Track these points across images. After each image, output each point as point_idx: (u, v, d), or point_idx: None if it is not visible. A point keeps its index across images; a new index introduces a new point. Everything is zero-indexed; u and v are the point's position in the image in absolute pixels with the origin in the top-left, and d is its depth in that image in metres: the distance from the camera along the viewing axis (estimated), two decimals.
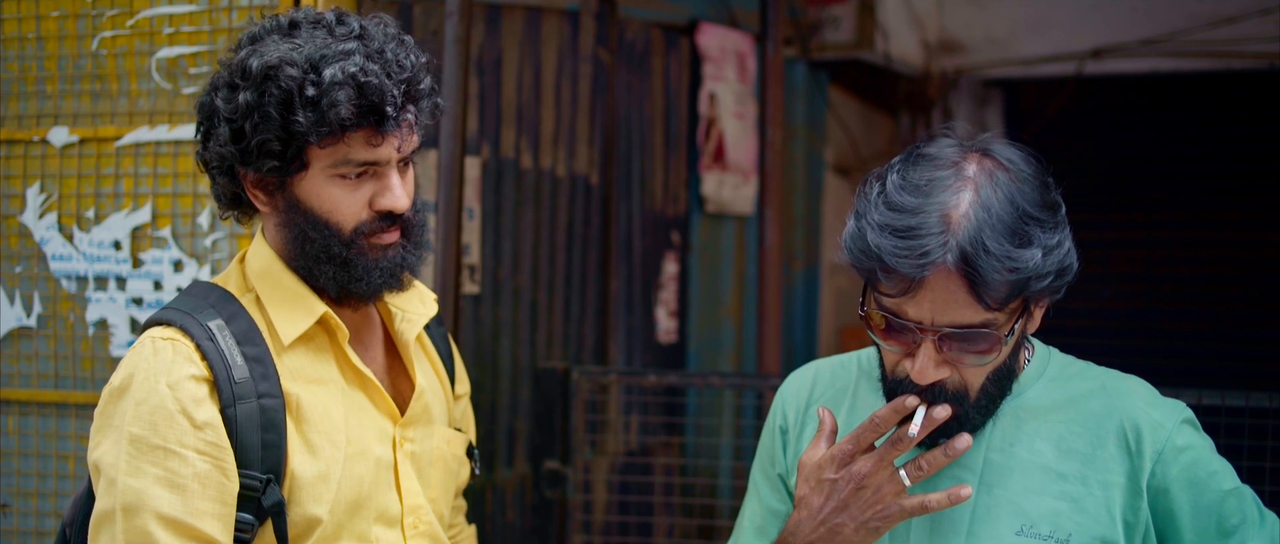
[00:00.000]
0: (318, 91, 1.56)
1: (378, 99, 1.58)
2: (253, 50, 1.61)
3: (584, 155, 4.12)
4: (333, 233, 1.63)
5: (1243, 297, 5.82)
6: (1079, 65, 5.75)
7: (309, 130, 1.56)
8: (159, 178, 2.53)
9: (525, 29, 3.93)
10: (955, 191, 1.42)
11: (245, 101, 1.58)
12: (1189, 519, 1.50)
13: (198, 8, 2.50)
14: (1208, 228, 5.93)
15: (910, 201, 1.42)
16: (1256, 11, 5.19)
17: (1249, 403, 2.70)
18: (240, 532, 1.56)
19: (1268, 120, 5.67)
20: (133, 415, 1.54)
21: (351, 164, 1.61)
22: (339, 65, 1.57)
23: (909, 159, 1.49)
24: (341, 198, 1.63)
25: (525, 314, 3.95)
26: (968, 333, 1.43)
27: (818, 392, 1.73)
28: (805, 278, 5.42)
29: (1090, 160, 6.03)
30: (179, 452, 1.53)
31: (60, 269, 2.57)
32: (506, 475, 3.85)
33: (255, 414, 1.57)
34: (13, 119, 2.62)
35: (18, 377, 2.60)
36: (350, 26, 1.64)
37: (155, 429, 1.53)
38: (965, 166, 1.45)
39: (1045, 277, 1.42)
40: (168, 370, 1.55)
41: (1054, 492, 1.52)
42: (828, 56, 5.48)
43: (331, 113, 1.55)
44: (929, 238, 1.39)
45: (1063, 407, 1.57)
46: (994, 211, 1.40)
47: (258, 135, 1.58)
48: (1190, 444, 1.53)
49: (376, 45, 1.62)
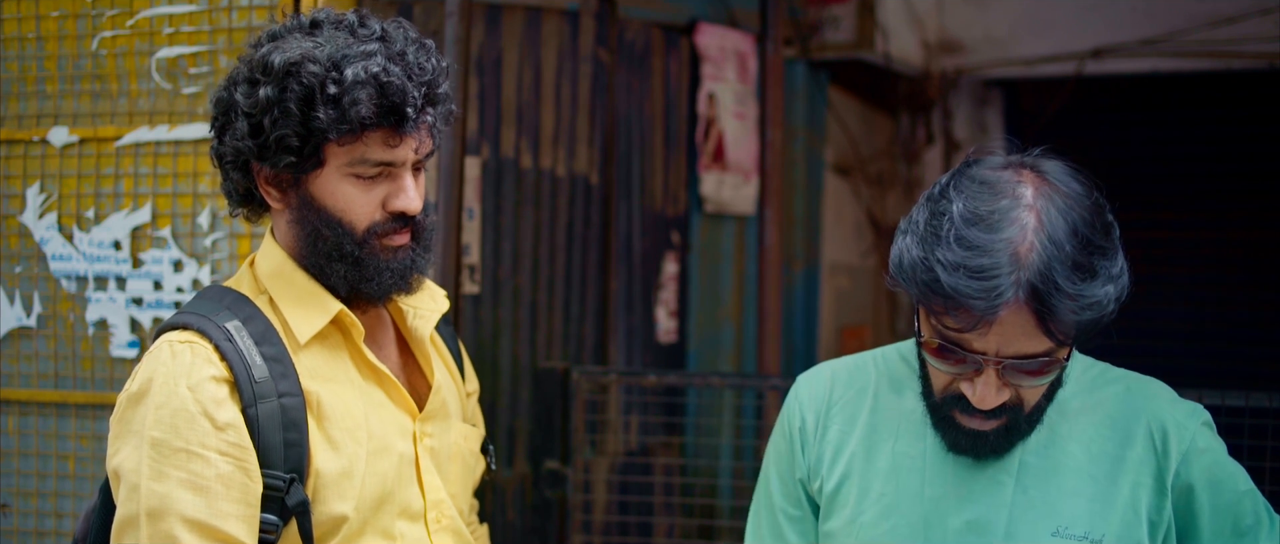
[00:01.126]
0: (339, 89, 1.56)
1: (399, 100, 1.58)
2: (275, 46, 1.61)
3: (584, 155, 4.12)
4: (346, 231, 1.63)
5: (1243, 297, 5.82)
6: (1079, 65, 5.75)
7: (329, 127, 1.57)
8: (159, 178, 2.53)
9: (525, 29, 3.93)
10: (1020, 225, 1.42)
11: (265, 96, 1.58)
12: (1208, 518, 1.54)
13: (198, 8, 2.50)
14: (1208, 228, 5.93)
15: (981, 238, 1.41)
16: (1256, 11, 5.19)
17: (1249, 403, 2.71)
18: (264, 533, 1.55)
19: (1268, 120, 5.67)
20: (153, 419, 1.53)
21: (368, 164, 1.61)
22: (361, 64, 1.57)
23: (962, 183, 1.48)
24: (356, 197, 1.63)
25: (525, 314, 3.95)
26: (1032, 362, 1.44)
27: (836, 393, 1.73)
28: (805, 278, 5.42)
29: (1090, 161, 5.96)
30: (201, 454, 1.52)
31: (60, 269, 2.57)
32: (506, 475, 3.85)
33: (277, 413, 1.56)
34: (13, 119, 2.62)
35: (17, 377, 2.60)
36: (372, 28, 1.64)
37: (177, 432, 1.52)
38: (1022, 192, 1.45)
39: (1110, 305, 1.44)
40: (187, 372, 1.55)
41: (1087, 493, 1.55)
42: (828, 56, 5.48)
43: (352, 111, 1.56)
44: (1001, 277, 1.38)
45: (1091, 409, 1.60)
46: (1060, 244, 1.41)
47: (277, 130, 1.58)
48: (1210, 445, 1.57)
49: (398, 47, 1.62)
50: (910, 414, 1.65)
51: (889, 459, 1.64)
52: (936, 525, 1.58)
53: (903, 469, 1.63)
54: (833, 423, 1.71)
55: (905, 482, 1.62)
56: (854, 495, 1.65)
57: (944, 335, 1.45)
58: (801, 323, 5.40)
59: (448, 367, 1.86)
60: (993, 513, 1.56)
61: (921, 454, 1.62)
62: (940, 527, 1.58)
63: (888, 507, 1.62)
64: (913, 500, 1.60)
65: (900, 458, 1.63)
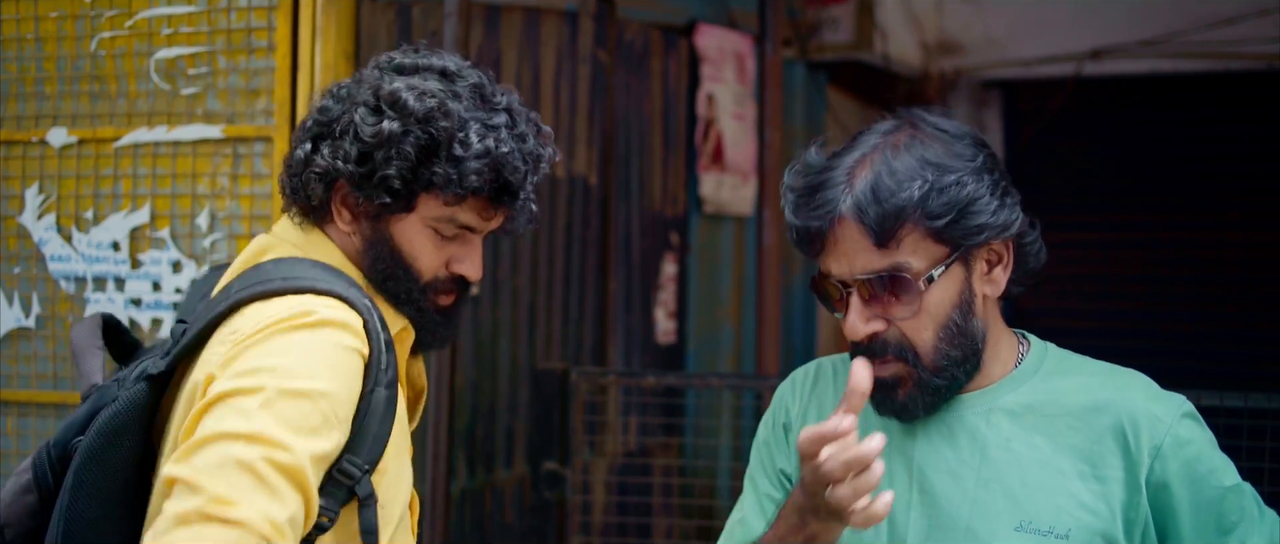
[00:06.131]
0: (464, 152, 1.56)
1: (511, 179, 1.59)
2: (408, 84, 1.59)
3: (583, 156, 4.12)
4: (413, 277, 1.63)
5: (1243, 297, 5.82)
6: (1077, 66, 5.76)
7: (442, 184, 1.56)
8: (158, 178, 2.53)
9: (524, 30, 3.93)
10: (863, 149, 1.51)
11: (388, 131, 1.56)
12: (1188, 516, 1.49)
13: (196, 9, 2.50)
14: (1207, 228, 5.94)
15: (823, 163, 1.52)
16: (1254, 12, 5.19)
17: (1248, 403, 2.70)
18: (323, 511, 1.45)
19: (1267, 120, 5.67)
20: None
21: (454, 224, 1.62)
22: (492, 136, 1.58)
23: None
24: (429, 249, 1.62)
25: (524, 315, 3.95)
26: (880, 278, 1.47)
27: (821, 387, 1.73)
28: (804, 279, 5.42)
29: (1089, 161, 6.03)
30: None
31: (59, 270, 2.57)
32: (505, 476, 3.85)
33: (382, 402, 1.51)
34: (11, 120, 2.62)
35: (16, 377, 2.60)
36: (499, 100, 1.64)
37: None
38: (882, 127, 1.53)
39: (935, 215, 1.46)
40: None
41: (1053, 487, 1.52)
42: (826, 57, 5.48)
43: (469, 177, 1.56)
44: (830, 191, 1.48)
45: (1061, 401, 1.56)
46: (893, 162, 1.47)
47: (386, 168, 1.56)
48: (1191, 439, 1.51)
49: (520, 129, 1.63)
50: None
51: None
52: (898, 520, 1.56)
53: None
54: (809, 420, 1.70)
55: None
56: None
57: (820, 271, 1.53)
58: (800, 324, 5.41)
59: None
60: (954, 507, 1.54)
61: (887, 449, 1.60)
62: (901, 523, 1.56)
63: None
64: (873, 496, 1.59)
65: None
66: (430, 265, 1.63)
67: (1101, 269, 5.94)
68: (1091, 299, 5.91)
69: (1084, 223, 5.80)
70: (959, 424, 1.57)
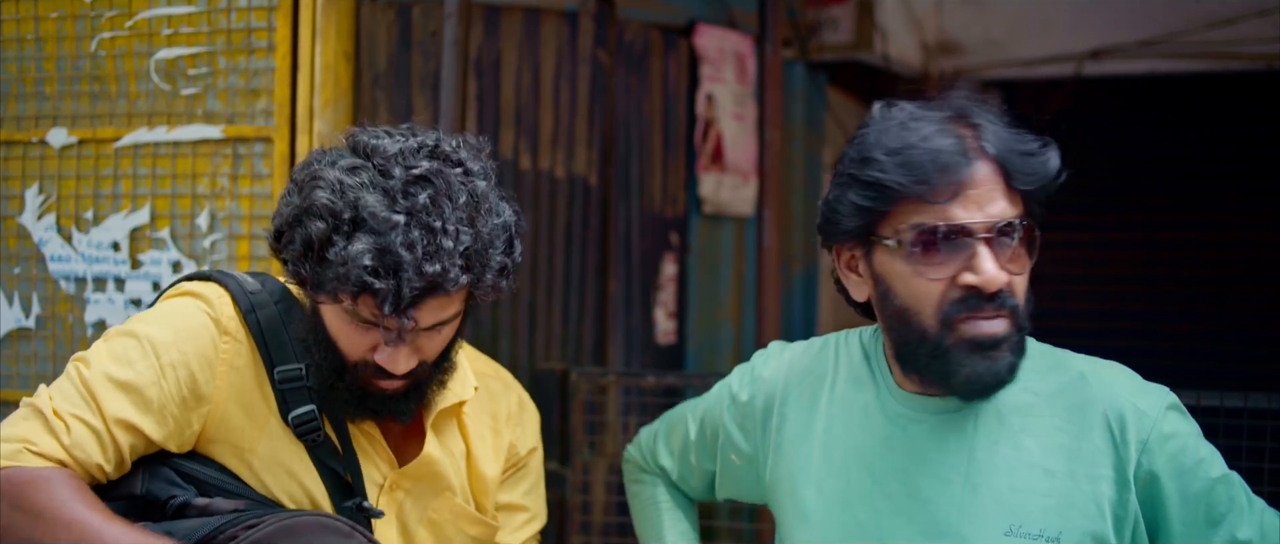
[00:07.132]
0: (336, 256, 1.50)
1: (389, 290, 1.50)
2: (323, 164, 1.57)
3: (583, 157, 4.12)
4: (337, 355, 1.62)
5: (1242, 297, 5.82)
6: (1077, 66, 5.76)
7: (313, 283, 1.55)
8: (158, 179, 2.53)
9: (524, 30, 3.93)
10: (958, 109, 1.49)
11: (289, 216, 1.57)
12: (1177, 508, 1.48)
13: (196, 9, 2.50)
14: (1207, 228, 5.94)
15: (922, 126, 1.47)
16: (1254, 13, 5.19)
17: (1248, 403, 2.70)
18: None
19: (1267, 121, 5.67)
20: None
21: (357, 317, 1.58)
22: (369, 240, 1.48)
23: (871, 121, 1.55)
24: (348, 334, 1.60)
25: (523, 315, 3.95)
26: (1013, 228, 1.45)
27: (794, 376, 1.72)
28: (804, 279, 5.42)
29: (1089, 161, 6.02)
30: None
31: (59, 270, 2.57)
32: None
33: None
34: (12, 120, 2.62)
35: (16, 377, 2.60)
36: (415, 191, 1.52)
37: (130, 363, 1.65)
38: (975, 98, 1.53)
39: (1052, 176, 1.48)
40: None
41: (1042, 489, 1.50)
42: (826, 58, 5.48)
43: (333, 284, 1.51)
44: (963, 138, 1.44)
45: (1045, 400, 1.55)
46: (998, 119, 1.48)
47: (286, 251, 1.59)
48: (1176, 431, 1.50)
49: (434, 221, 1.51)
50: (866, 408, 1.62)
51: (841, 455, 1.61)
52: (886, 525, 1.55)
53: (854, 466, 1.60)
54: (789, 412, 1.69)
55: (856, 480, 1.59)
56: (809, 493, 1.63)
57: (921, 226, 1.45)
58: (800, 324, 5.40)
59: (468, 448, 1.85)
60: (942, 512, 1.51)
61: (873, 451, 1.59)
62: (889, 528, 1.55)
63: (839, 504, 1.59)
64: (862, 500, 1.57)
65: (852, 454, 1.60)
66: (354, 350, 1.61)
67: (1101, 269, 5.94)
68: (1090, 299, 5.91)
69: (1083, 222, 5.80)
70: (946, 426, 1.55)
